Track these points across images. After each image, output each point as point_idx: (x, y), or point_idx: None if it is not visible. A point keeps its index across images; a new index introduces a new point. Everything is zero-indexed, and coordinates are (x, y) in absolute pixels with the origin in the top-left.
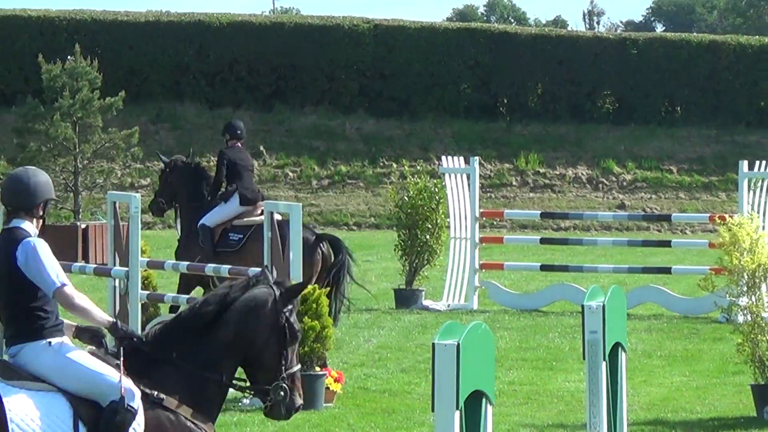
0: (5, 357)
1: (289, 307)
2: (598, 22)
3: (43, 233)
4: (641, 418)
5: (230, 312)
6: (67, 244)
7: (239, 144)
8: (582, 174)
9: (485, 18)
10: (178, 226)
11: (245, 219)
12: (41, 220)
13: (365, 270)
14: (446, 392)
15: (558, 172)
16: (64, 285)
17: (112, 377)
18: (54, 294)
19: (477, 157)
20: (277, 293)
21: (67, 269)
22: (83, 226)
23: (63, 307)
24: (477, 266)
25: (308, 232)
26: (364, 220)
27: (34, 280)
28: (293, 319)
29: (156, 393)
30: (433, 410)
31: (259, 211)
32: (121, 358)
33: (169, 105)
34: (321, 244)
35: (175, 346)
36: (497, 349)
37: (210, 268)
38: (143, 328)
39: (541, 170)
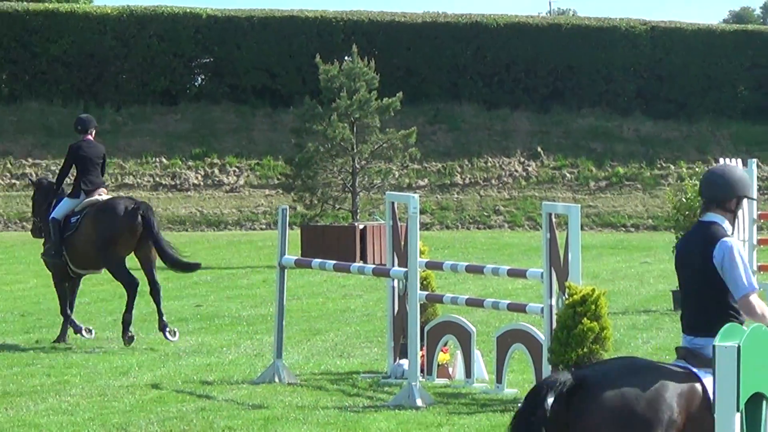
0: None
1: None
2: None
3: (322, 234)
4: None
5: None
6: (346, 245)
7: (89, 137)
8: None
9: (762, 20)
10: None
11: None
12: (734, 216)
13: (642, 272)
14: (727, 394)
15: None
16: (752, 291)
17: None
18: (740, 298)
19: (755, 159)
20: None
21: (346, 269)
22: (361, 226)
23: (743, 312)
24: (755, 268)
25: (128, 201)
26: (641, 221)
27: (726, 281)
28: None
29: None
30: (713, 412)
31: (95, 195)
32: None
33: (447, 106)
34: (139, 211)
35: None
36: None
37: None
38: (422, 329)
39: None
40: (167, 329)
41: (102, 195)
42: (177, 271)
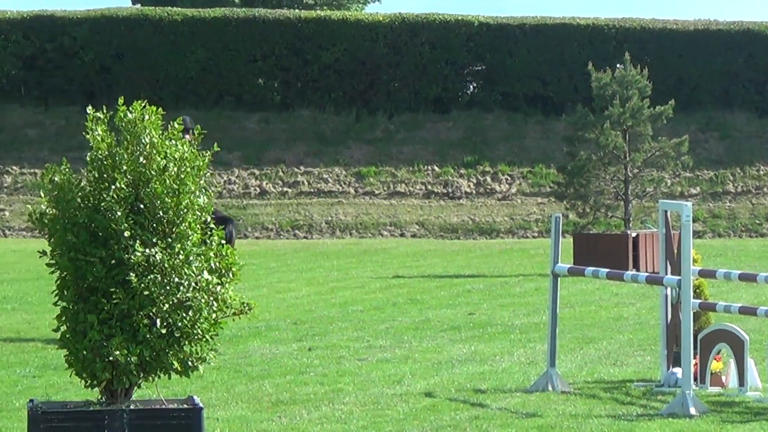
0: None
1: None
2: None
3: (594, 242)
4: None
5: None
6: (618, 253)
7: (188, 137)
8: None
9: None
10: None
11: None
12: None
13: None
14: None
15: None
16: None
17: None
18: None
19: None
20: None
21: (619, 277)
22: (633, 234)
23: None
24: None
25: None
26: None
27: None
28: None
29: None
30: None
31: None
32: None
33: (718, 113)
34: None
35: None
36: None
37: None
38: (695, 338)
39: None
40: None
41: None
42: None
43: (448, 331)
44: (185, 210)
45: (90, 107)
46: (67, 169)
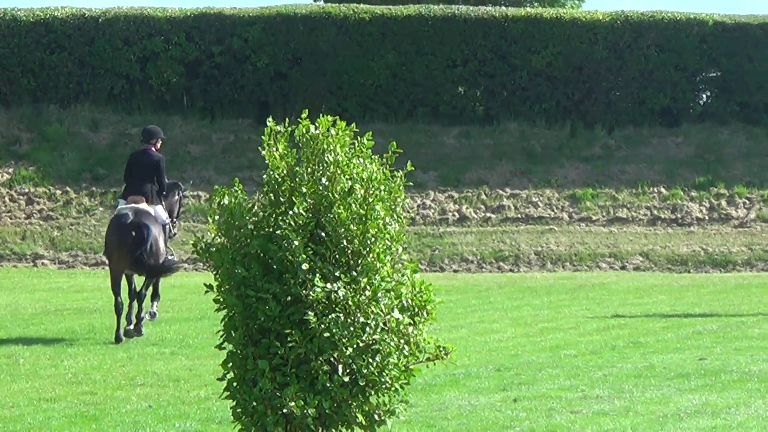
0: None
1: None
2: None
3: None
4: None
5: None
6: None
7: (149, 147)
8: None
9: None
10: None
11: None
12: None
13: None
14: None
15: None
16: None
17: None
18: None
19: None
20: None
21: None
22: None
23: None
24: None
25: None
26: None
27: None
28: None
29: None
30: None
31: (131, 203)
32: None
33: None
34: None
35: None
36: None
37: None
38: None
39: None
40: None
41: (138, 204)
42: (152, 276)
43: (675, 379)
44: (373, 239)
45: (270, 119)
46: (239, 192)
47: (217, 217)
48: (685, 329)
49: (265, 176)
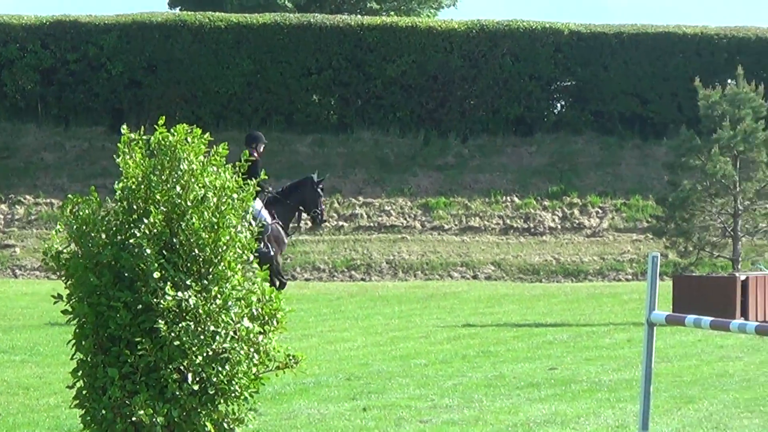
0: None
1: None
2: None
3: (697, 285)
4: None
5: None
6: (725, 298)
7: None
8: None
9: None
10: None
11: None
12: None
13: None
14: None
15: None
16: None
17: None
18: None
19: None
20: None
21: (725, 327)
22: (743, 277)
23: None
24: None
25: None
26: None
27: None
28: None
29: None
30: None
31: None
32: None
33: None
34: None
35: None
36: None
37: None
38: None
39: None
40: None
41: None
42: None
43: (525, 388)
44: (225, 247)
45: (124, 127)
46: (93, 200)
47: (70, 226)
48: (536, 339)
49: (118, 185)
